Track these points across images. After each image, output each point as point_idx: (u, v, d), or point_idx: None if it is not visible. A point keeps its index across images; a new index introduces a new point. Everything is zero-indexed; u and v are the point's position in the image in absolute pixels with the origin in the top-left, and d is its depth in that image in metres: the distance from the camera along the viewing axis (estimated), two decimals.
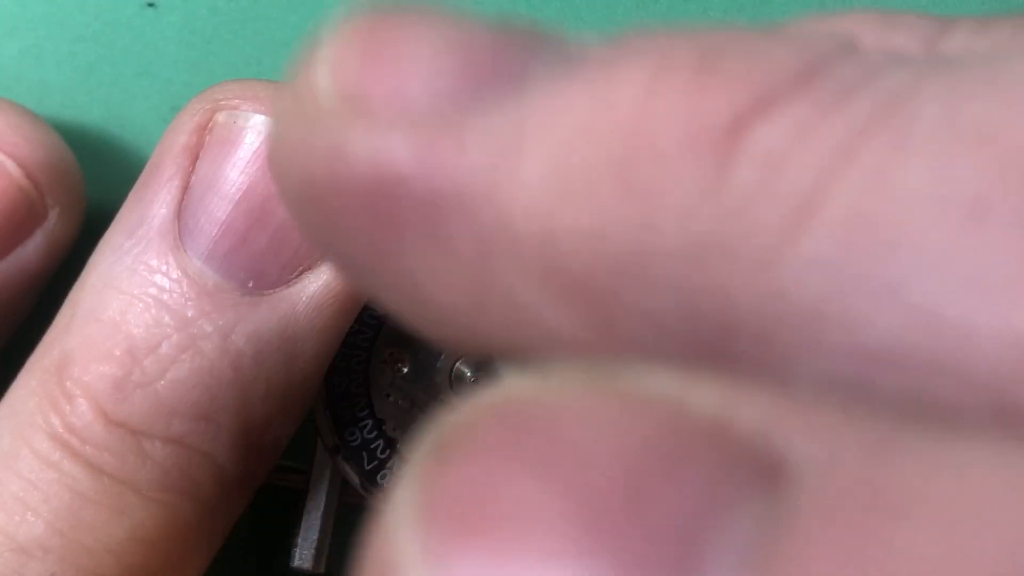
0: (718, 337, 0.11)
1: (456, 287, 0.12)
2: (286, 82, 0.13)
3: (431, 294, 0.12)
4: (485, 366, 0.25)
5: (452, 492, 0.10)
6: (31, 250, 0.25)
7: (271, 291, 0.21)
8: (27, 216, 0.25)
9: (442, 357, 0.25)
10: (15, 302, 0.25)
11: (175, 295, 0.21)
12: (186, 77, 0.27)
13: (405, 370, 0.25)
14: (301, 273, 0.22)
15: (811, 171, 0.11)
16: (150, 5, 0.27)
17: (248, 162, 0.21)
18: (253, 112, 0.22)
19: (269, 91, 0.22)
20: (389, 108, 0.12)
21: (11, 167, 0.24)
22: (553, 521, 0.09)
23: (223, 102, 0.22)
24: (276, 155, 0.13)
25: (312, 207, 0.12)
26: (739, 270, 0.11)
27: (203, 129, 0.22)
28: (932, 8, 0.28)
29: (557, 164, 0.11)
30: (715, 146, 0.11)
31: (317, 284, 0.22)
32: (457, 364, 0.25)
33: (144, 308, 0.21)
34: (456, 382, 0.25)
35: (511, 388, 0.10)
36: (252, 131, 0.21)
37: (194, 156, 0.22)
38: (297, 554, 0.24)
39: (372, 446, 0.25)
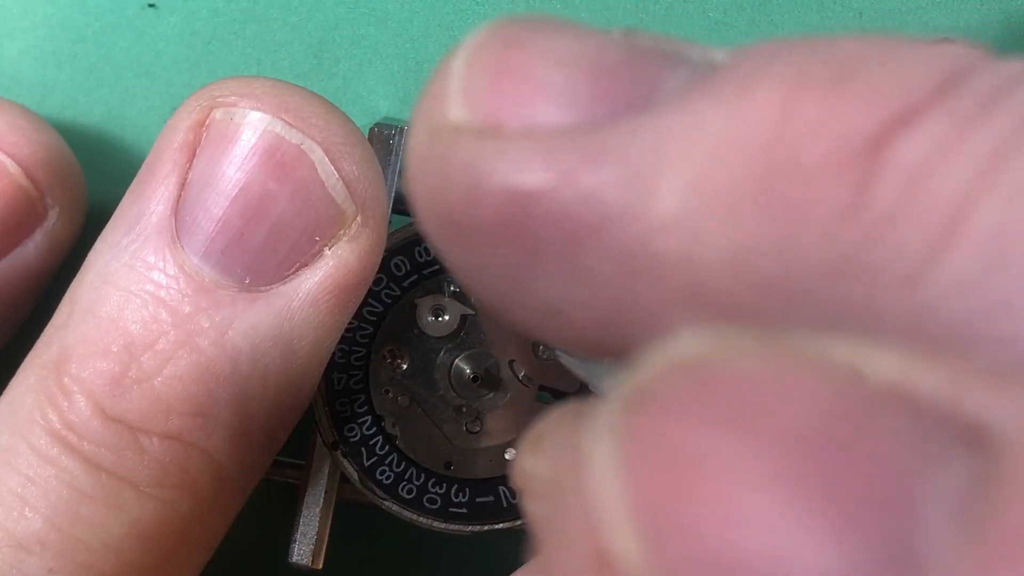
0: None
1: (593, 306, 0.12)
2: (418, 109, 0.13)
3: (566, 313, 0.12)
4: (484, 364, 0.25)
5: (656, 447, 0.09)
6: (31, 249, 0.25)
7: (268, 287, 0.21)
8: (27, 215, 0.25)
9: (441, 354, 0.25)
10: (16, 301, 0.25)
11: (172, 291, 0.21)
12: (186, 78, 0.27)
13: (404, 367, 0.25)
14: (298, 269, 0.22)
15: (954, 187, 0.10)
16: (151, 6, 0.27)
17: (245, 159, 0.21)
18: (250, 109, 0.21)
19: (266, 88, 0.22)
20: (523, 133, 0.12)
21: (11, 167, 0.24)
22: (764, 472, 0.09)
23: (220, 99, 0.22)
24: (416, 184, 0.13)
25: (452, 233, 0.13)
26: (884, 288, 0.11)
27: (200, 126, 0.22)
28: (932, 8, 0.28)
29: (696, 183, 0.11)
30: (857, 162, 0.11)
31: (314, 280, 0.22)
32: (456, 361, 0.25)
33: (141, 304, 0.21)
34: (455, 379, 0.25)
35: (692, 346, 0.10)
36: (249, 128, 0.21)
37: (191, 153, 0.22)
38: (295, 550, 0.24)
39: (371, 442, 0.25)
